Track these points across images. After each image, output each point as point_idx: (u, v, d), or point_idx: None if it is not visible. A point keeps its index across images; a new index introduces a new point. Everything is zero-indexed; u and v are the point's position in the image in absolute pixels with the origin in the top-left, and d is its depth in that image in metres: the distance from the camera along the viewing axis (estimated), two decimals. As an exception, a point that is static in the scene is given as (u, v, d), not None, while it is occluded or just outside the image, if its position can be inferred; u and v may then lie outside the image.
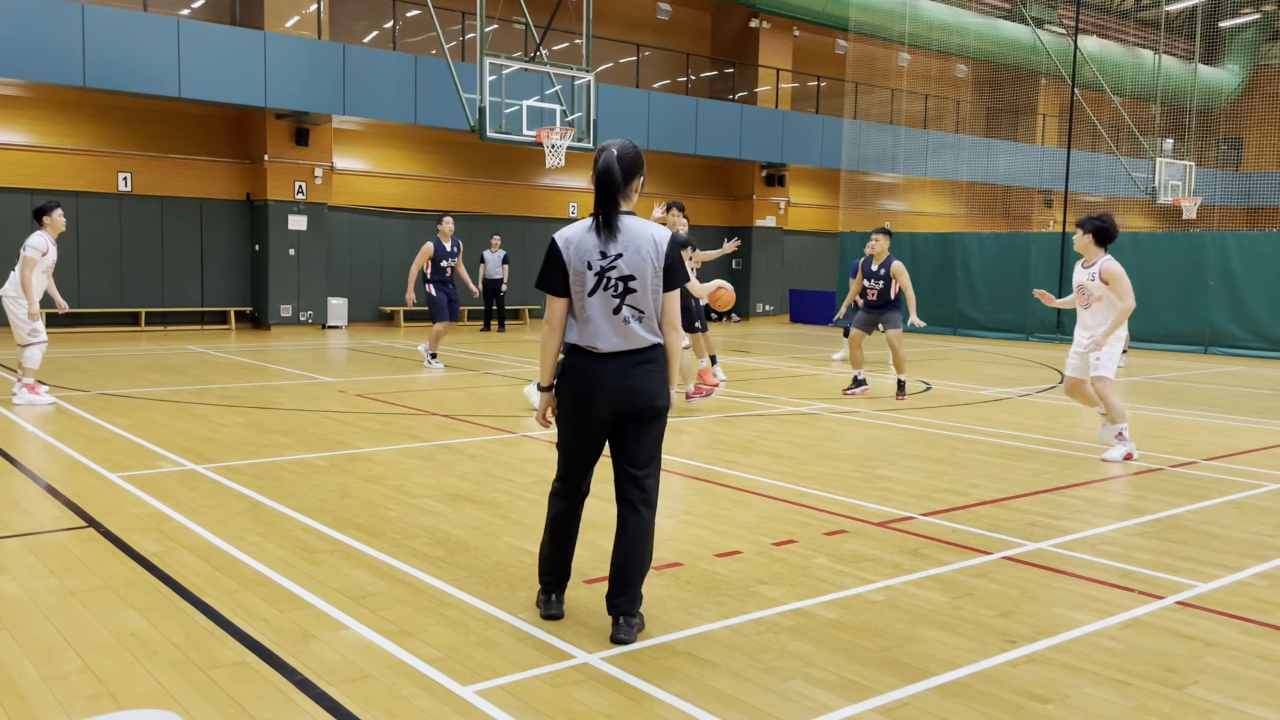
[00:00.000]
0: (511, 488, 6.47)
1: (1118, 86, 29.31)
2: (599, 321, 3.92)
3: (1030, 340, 20.45)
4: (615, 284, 3.90)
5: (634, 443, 3.99)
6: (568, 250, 3.94)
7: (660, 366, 4.00)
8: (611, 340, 3.92)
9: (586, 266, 3.91)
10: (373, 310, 22.02)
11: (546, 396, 4.13)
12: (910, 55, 27.58)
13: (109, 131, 19.00)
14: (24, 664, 3.64)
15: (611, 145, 3.98)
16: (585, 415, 3.99)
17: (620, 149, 3.97)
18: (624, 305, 3.91)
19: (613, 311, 3.91)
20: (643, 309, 3.93)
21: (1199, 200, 28.43)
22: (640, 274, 3.90)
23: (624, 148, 3.99)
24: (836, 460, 7.67)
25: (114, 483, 6.50)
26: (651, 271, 3.91)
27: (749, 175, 27.23)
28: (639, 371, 3.94)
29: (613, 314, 3.91)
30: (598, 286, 3.91)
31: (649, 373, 3.96)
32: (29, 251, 9.38)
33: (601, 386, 3.92)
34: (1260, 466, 7.74)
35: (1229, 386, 13.23)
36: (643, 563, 4.00)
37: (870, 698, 3.47)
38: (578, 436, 4.06)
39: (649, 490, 4.03)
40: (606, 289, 3.91)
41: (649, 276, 3.91)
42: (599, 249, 3.91)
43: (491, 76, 16.64)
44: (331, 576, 4.65)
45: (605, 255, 3.90)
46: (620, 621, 3.94)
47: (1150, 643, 4.03)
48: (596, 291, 3.91)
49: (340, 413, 9.52)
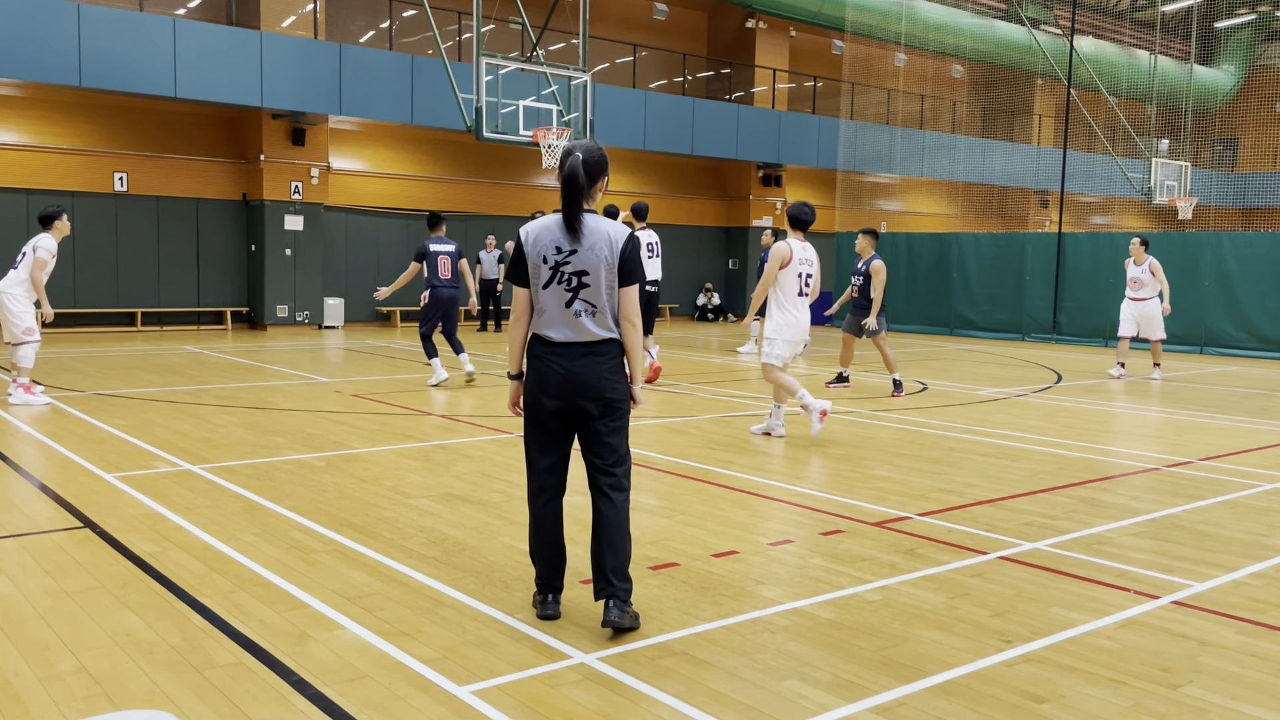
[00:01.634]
0: (508, 488, 6.47)
1: (1113, 87, 29.34)
2: (552, 313, 4.07)
3: (1026, 340, 20.47)
4: (569, 279, 4.04)
5: (595, 437, 4.13)
6: (528, 243, 4.11)
7: (613, 360, 4.12)
8: (563, 332, 4.07)
9: (543, 260, 4.07)
10: (369, 310, 22.00)
11: (515, 384, 4.30)
12: (906, 56, 27.61)
13: (105, 131, 18.97)
14: (19, 664, 3.63)
15: (577, 149, 4.07)
16: (539, 402, 4.12)
17: (585, 153, 4.07)
18: (577, 299, 4.04)
19: (565, 305, 4.05)
20: (595, 304, 4.05)
21: (1194, 201, 28.46)
22: (594, 270, 4.03)
23: (589, 151, 4.09)
24: (833, 460, 7.67)
25: (110, 483, 6.49)
26: (605, 268, 4.03)
27: (745, 175, 27.25)
28: (588, 363, 4.06)
29: (565, 307, 4.05)
30: (552, 280, 4.06)
31: (599, 365, 4.07)
32: (41, 253, 9.41)
33: (553, 374, 4.07)
34: (1256, 466, 7.76)
35: (1224, 387, 13.25)
36: (620, 548, 4.05)
37: (866, 697, 3.47)
38: (535, 424, 4.19)
39: (619, 477, 4.14)
40: (560, 283, 4.05)
41: (603, 273, 4.03)
42: (556, 245, 4.05)
43: (488, 76, 16.63)
44: (328, 577, 4.65)
45: (561, 251, 4.05)
46: (610, 604, 4.01)
47: (1146, 642, 4.03)
48: (551, 285, 4.06)
49: (336, 413, 9.51)
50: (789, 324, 8.24)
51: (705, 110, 24.26)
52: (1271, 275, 17.45)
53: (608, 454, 4.14)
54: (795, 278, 8.20)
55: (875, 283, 11.21)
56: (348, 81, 18.86)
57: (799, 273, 8.21)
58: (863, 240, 11.50)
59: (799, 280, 8.23)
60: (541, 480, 4.21)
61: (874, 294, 11.21)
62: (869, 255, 11.42)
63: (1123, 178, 27.85)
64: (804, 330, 8.29)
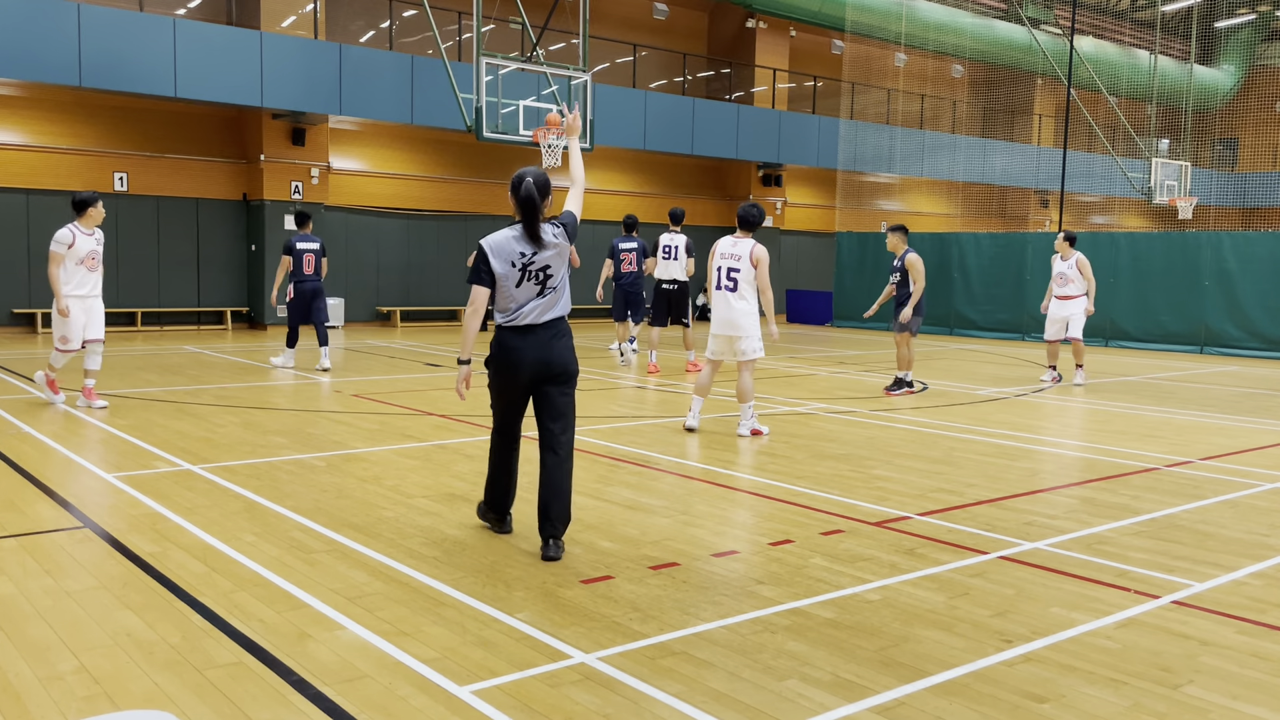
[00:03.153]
0: (508, 488, 6.46)
1: (1113, 87, 29.35)
2: (525, 304, 4.97)
3: (1026, 340, 20.47)
4: (536, 274, 4.97)
5: (550, 402, 5.04)
6: (493, 253, 4.94)
7: (570, 337, 5.09)
8: (534, 314, 4.97)
9: (511, 265, 4.94)
10: (369, 310, 22.01)
11: (465, 369, 5.10)
12: (906, 55, 27.61)
13: (105, 131, 18.97)
14: (20, 664, 3.63)
15: (527, 174, 4.95)
16: (512, 380, 5.02)
17: (535, 178, 4.95)
18: (545, 290, 4.99)
19: (536, 295, 4.98)
20: (559, 289, 5.04)
21: (1194, 200, 28.47)
22: (555, 264, 5.02)
23: (537, 176, 4.97)
24: (833, 460, 7.67)
25: (110, 483, 6.49)
26: (559, 260, 5.01)
27: (746, 175, 27.24)
28: (555, 343, 5.01)
29: (536, 298, 4.98)
30: (523, 279, 4.95)
31: (563, 343, 5.04)
32: (54, 246, 9.11)
33: (525, 357, 4.97)
34: (1256, 466, 7.76)
35: (1224, 386, 13.25)
36: (563, 493, 5.00)
37: (867, 697, 3.47)
38: (507, 395, 5.11)
39: (564, 435, 5.06)
40: (531, 280, 4.96)
41: (559, 264, 5.03)
42: (519, 250, 4.95)
43: (488, 76, 16.62)
44: (328, 576, 4.65)
45: (525, 255, 4.95)
46: (550, 543, 4.95)
47: (1146, 642, 4.03)
48: (523, 283, 4.96)
49: (336, 413, 9.51)
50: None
51: (705, 110, 24.25)
52: (1271, 275, 17.45)
53: (557, 416, 5.04)
54: (715, 271, 8.56)
55: (913, 276, 11.12)
56: (348, 81, 18.86)
57: (718, 266, 8.53)
58: (894, 237, 11.35)
59: (718, 274, 8.54)
60: (508, 437, 5.23)
61: (913, 288, 11.13)
62: (902, 250, 11.30)
63: (1123, 177, 27.85)
64: (720, 324, 8.56)
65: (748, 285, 8.43)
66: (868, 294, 23.48)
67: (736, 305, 8.46)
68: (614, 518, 5.78)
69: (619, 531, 5.48)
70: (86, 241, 9.25)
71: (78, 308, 9.28)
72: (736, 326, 8.46)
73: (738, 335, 8.49)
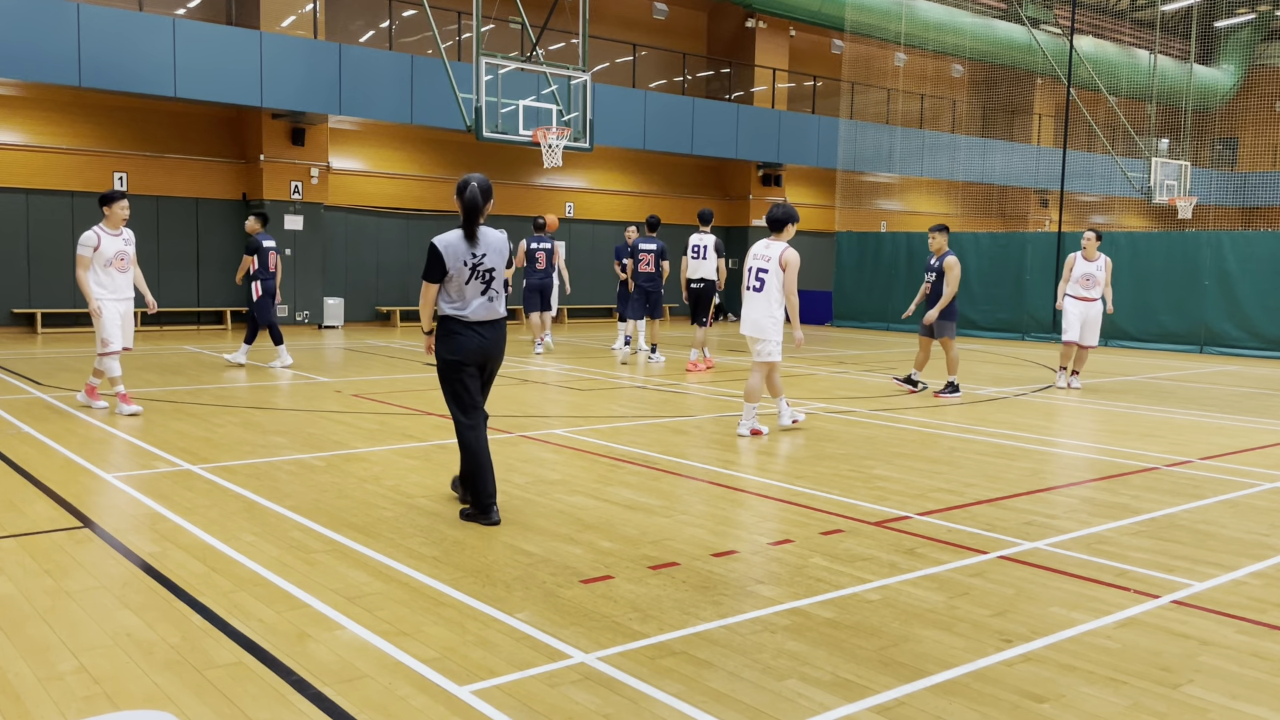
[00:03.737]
0: (507, 487, 6.47)
1: (1113, 86, 29.34)
2: (473, 301, 5.57)
3: (1026, 340, 20.47)
4: (483, 274, 5.58)
5: (486, 385, 5.82)
6: (446, 253, 5.50)
7: (506, 330, 5.75)
8: (481, 313, 5.59)
9: (463, 264, 5.52)
10: (369, 310, 22.01)
11: (429, 339, 5.80)
12: (906, 55, 27.61)
13: (105, 131, 18.97)
14: (19, 664, 3.63)
15: (472, 180, 5.54)
16: (463, 366, 5.62)
17: (479, 184, 5.56)
18: (490, 288, 5.61)
19: (482, 293, 5.59)
20: (499, 290, 5.65)
21: (1194, 200, 28.47)
22: (497, 266, 5.63)
23: (482, 182, 5.59)
24: (833, 460, 7.67)
25: (110, 483, 6.49)
26: (501, 263, 5.64)
27: (745, 175, 27.24)
28: (496, 336, 5.69)
29: (482, 294, 5.59)
30: (471, 277, 5.54)
31: (503, 335, 5.74)
32: (80, 249, 8.99)
33: (471, 345, 5.60)
34: (1256, 466, 7.76)
35: (1224, 386, 13.25)
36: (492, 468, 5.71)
37: (866, 697, 3.47)
38: (459, 380, 5.65)
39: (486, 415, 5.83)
40: (477, 279, 5.56)
41: (501, 266, 5.64)
42: (469, 251, 5.53)
43: (488, 76, 16.62)
44: (328, 576, 4.65)
45: (475, 255, 5.54)
46: (493, 509, 5.60)
47: (1146, 642, 4.03)
48: (471, 280, 5.55)
49: (336, 413, 9.51)
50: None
51: (705, 110, 24.25)
52: (1271, 274, 17.45)
53: (487, 393, 5.83)
54: (746, 272, 8.66)
55: (949, 279, 11.04)
56: (347, 81, 18.86)
57: (749, 267, 8.62)
58: (940, 237, 11.24)
59: (748, 274, 8.63)
60: (472, 417, 5.68)
61: (946, 290, 11.03)
62: (944, 251, 11.22)
63: (1122, 177, 27.85)
64: (746, 324, 8.63)
65: (775, 288, 8.46)
66: (867, 294, 23.54)
67: (760, 307, 8.53)
68: (614, 518, 5.78)
69: (619, 531, 5.49)
70: (113, 242, 9.10)
71: (113, 310, 9.14)
72: (759, 328, 8.52)
73: (757, 337, 8.55)
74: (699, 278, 13.75)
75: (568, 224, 24.45)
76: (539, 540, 5.28)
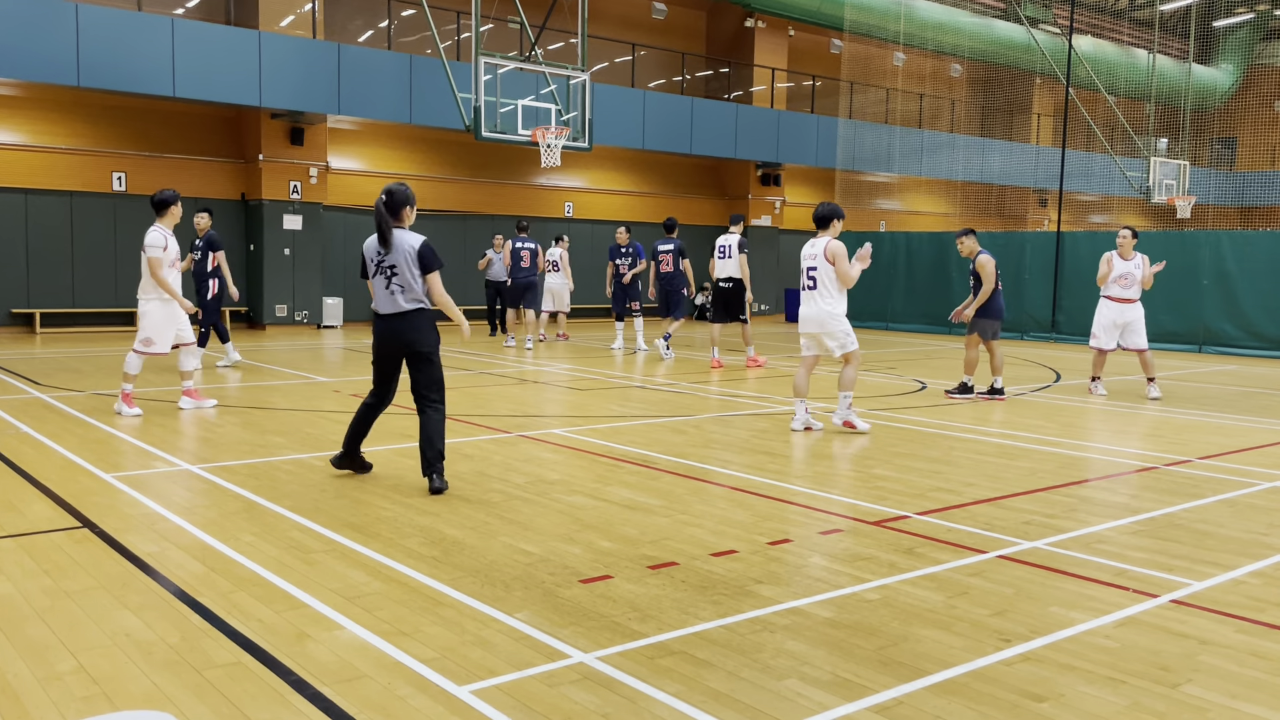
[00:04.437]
0: (507, 487, 6.47)
1: (1112, 86, 29.35)
2: (378, 294, 6.30)
3: (1025, 339, 20.48)
4: (386, 270, 6.21)
5: (416, 374, 6.34)
6: (365, 253, 6.34)
7: (421, 321, 6.26)
8: (385, 306, 6.29)
9: (372, 261, 6.29)
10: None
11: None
12: (905, 55, 27.61)
13: (103, 131, 18.96)
14: (18, 665, 3.63)
15: (383, 194, 6.19)
16: (375, 352, 6.43)
17: (392, 192, 6.22)
18: (390, 284, 6.21)
19: (384, 288, 6.25)
20: (404, 286, 6.19)
21: (1193, 199, 28.48)
22: (400, 264, 6.18)
23: (394, 191, 6.24)
24: (832, 459, 7.67)
25: (108, 483, 6.49)
26: (406, 263, 6.16)
27: (744, 175, 27.24)
28: (402, 326, 6.24)
29: (384, 289, 6.25)
30: (376, 273, 6.27)
31: (412, 326, 6.24)
32: (150, 251, 8.97)
33: (377, 332, 6.38)
34: (1254, 465, 7.76)
35: (1223, 385, 13.26)
36: (439, 440, 6.26)
37: (865, 696, 3.47)
38: (376, 365, 6.46)
39: (434, 399, 6.32)
40: (382, 274, 6.24)
41: (405, 266, 6.17)
42: (377, 250, 6.25)
43: (487, 76, 16.62)
44: (327, 576, 4.65)
45: (380, 254, 6.24)
46: (434, 477, 6.23)
47: (1145, 641, 4.03)
48: (376, 276, 6.27)
49: (335, 413, 9.50)
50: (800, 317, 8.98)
51: (704, 109, 24.25)
52: (1270, 274, 17.46)
53: (423, 384, 6.32)
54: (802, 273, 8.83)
55: (984, 276, 11.03)
56: (346, 81, 18.85)
57: (803, 268, 8.79)
58: (969, 241, 11.25)
59: (802, 274, 8.79)
60: (372, 395, 6.52)
61: (985, 286, 11.02)
62: (976, 253, 11.19)
63: (1121, 177, 27.86)
64: (804, 322, 8.81)
65: (829, 282, 8.58)
66: (867, 293, 23.50)
67: (817, 304, 8.66)
68: (613, 517, 5.78)
69: (618, 531, 5.49)
70: (174, 243, 9.28)
71: (163, 311, 9.10)
72: (820, 324, 8.67)
73: (821, 334, 8.69)
74: (726, 277, 13.99)
75: (567, 224, 24.45)
76: (538, 540, 5.28)
